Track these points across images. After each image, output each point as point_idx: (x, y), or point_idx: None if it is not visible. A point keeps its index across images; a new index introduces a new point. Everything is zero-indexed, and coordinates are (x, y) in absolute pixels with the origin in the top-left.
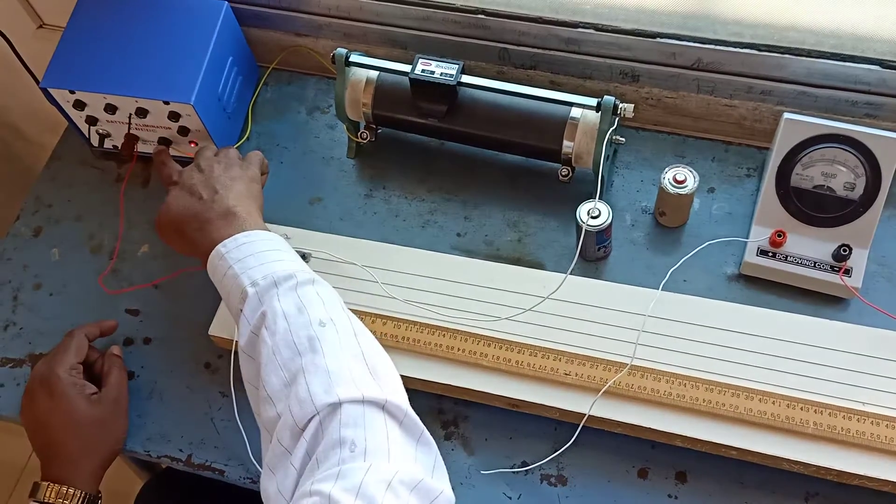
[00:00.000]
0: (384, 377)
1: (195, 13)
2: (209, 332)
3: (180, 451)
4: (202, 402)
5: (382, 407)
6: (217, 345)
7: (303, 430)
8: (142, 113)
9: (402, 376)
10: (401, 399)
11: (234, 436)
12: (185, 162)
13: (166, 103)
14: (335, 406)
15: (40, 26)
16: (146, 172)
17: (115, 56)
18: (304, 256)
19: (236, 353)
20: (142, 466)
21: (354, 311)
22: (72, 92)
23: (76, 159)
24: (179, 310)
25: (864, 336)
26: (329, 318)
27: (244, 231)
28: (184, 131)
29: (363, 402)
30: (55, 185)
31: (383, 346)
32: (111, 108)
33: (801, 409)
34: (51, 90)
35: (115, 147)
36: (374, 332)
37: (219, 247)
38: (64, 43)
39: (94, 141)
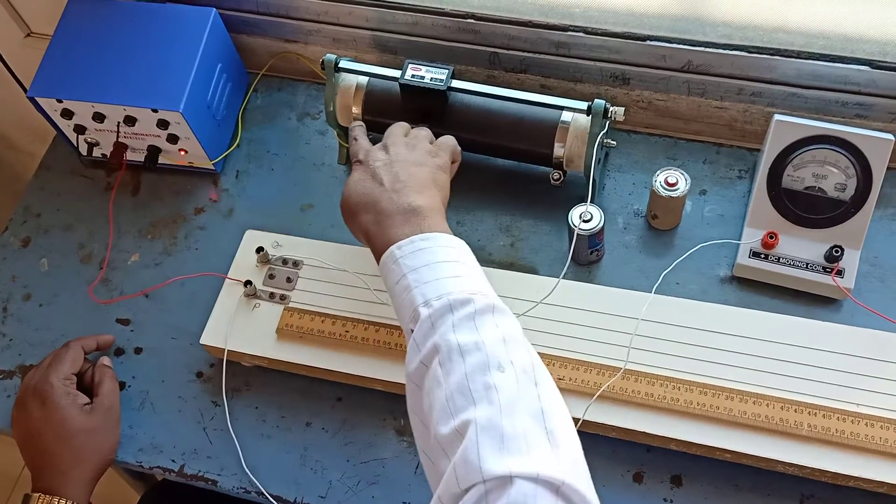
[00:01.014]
0: (563, 445)
1: (183, 20)
2: (201, 342)
3: (173, 461)
4: (194, 411)
5: (557, 490)
6: (209, 354)
7: (464, 492)
8: (130, 121)
9: (395, 383)
10: (579, 478)
11: (227, 445)
12: (176, 170)
13: (155, 111)
14: (505, 480)
15: (28, 35)
16: (135, 181)
17: (103, 64)
18: (296, 264)
19: (229, 361)
20: (135, 477)
21: (347, 319)
22: (59, 101)
23: (65, 168)
24: (170, 319)
25: (857, 337)
26: (509, 359)
27: (423, 233)
28: (173, 139)
29: (537, 480)
30: (44, 194)
31: (376, 353)
32: (99, 117)
33: (796, 411)
34: (38, 99)
35: (103, 156)
36: (366, 340)
37: (393, 248)
38: (51, 51)
39: (83, 150)
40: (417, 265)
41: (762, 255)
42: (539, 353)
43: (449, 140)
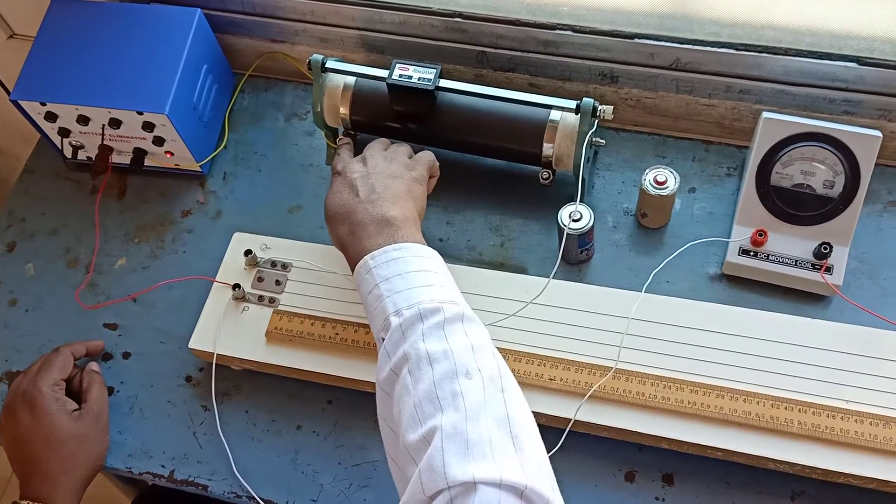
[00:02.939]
0: (528, 451)
1: (168, 21)
2: (189, 346)
3: (162, 466)
4: (184, 416)
5: (521, 494)
6: (198, 358)
7: (430, 499)
8: (115, 124)
9: None
10: (543, 482)
11: (216, 450)
12: (162, 172)
13: (140, 114)
14: (468, 486)
15: (11, 36)
16: (121, 184)
17: (87, 66)
18: (284, 266)
19: (218, 365)
20: (125, 483)
21: (337, 321)
22: (43, 104)
23: (50, 172)
24: (159, 323)
25: (847, 334)
26: (477, 366)
27: (396, 243)
28: (159, 141)
29: (500, 485)
30: (29, 198)
31: (366, 355)
32: (83, 120)
33: (786, 408)
34: (21, 102)
35: (89, 159)
36: (356, 342)
37: (367, 258)
38: (34, 54)
39: (68, 153)
40: (390, 275)
41: (751, 253)
42: (529, 353)
43: (427, 155)
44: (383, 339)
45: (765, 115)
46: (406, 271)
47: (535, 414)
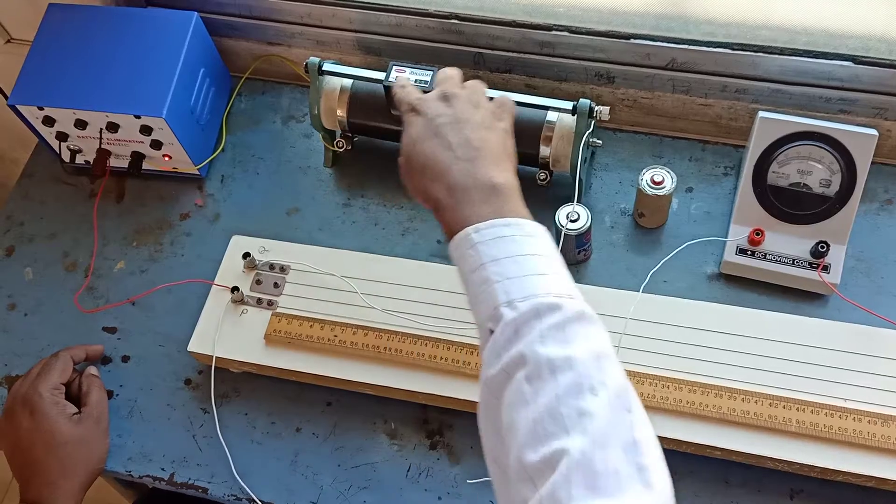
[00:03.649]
0: (657, 486)
1: (165, 24)
2: (188, 349)
3: (162, 469)
4: (183, 419)
5: None
6: (197, 361)
7: None
8: (113, 127)
9: (386, 387)
10: None
11: (216, 452)
12: (160, 175)
13: (137, 117)
14: None
15: (8, 41)
16: (120, 187)
17: (84, 70)
18: (283, 269)
19: (217, 368)
20: (125, 486)
21: (336, 324)
22: (40, 108)
23: (48, 176)
24: (157, 326)
25: (844, 332)
26: (602, 380)
27: (504, 217)
28: (157, 145)
29: None
30: (27, 202)
31: (365, 357)
32: (81, 124)
33: (784, 407)
34: (19, 107)
35: (87, 162)
36: (355, 344)
37: (470, 231)
38: (31, 58)
39: (66, 157)
40: (499, 255)
41: (749, 252)
42: None
43: (508, 100)
44: (491, 331)
45: (761, 114)
46: (518, 253)
47: None
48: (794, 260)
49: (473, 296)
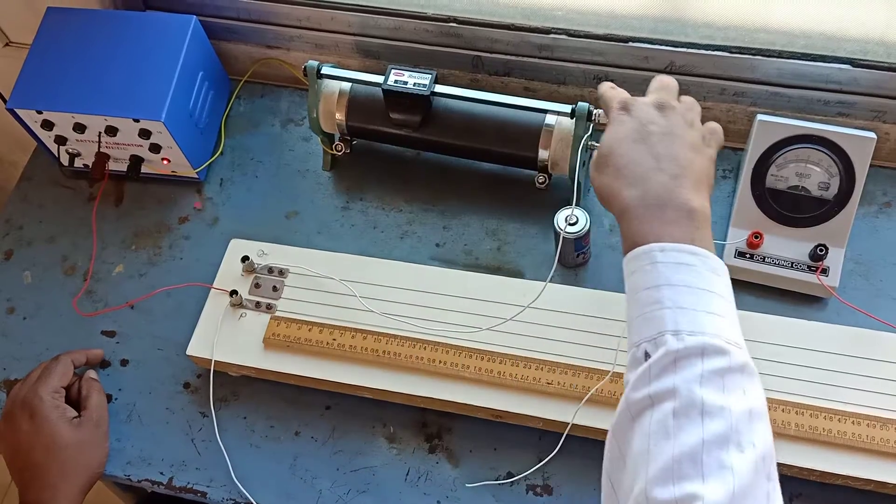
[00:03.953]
0: None
1: (163, 28)
2: (187, 353)
3: (161, 473)
4: (182, 423)
5: None
6: (196, 364)
7: None
8: (111, 131)
9: (385, 391)
10: None
11: (215, 456)
12: (159, 179)
13: (136, 121)
14: None
15: (7, 44)
16: (118, 191)
17: (83, 74)
18: (281, 272)
19: (216, 372)
20: (123, 490)
21: (335, 327)
22: (39, 112)
23: (47, 179)
24: (156, 330)
25: (843, 335)
26: (751, 440)
27: (693, 244)
28: (155, 148)
29: None
30: (26, 206)
31: (364, 361)
32: (80, 128)
33: (783, 410)
34: (18, 111)
35: (85, 166)
36: (353, 347)
37: (654, 248)
38: (30, 62)
39: (64, 160)
40: (677, 282)
41: (747, 255)
42: (527, 358)
43: (720, 130)
44: (647, 353)
45: (759, 117)
46: (697, 286)
47: (533, 418)
48: (792, 263)
49: (638, 313)
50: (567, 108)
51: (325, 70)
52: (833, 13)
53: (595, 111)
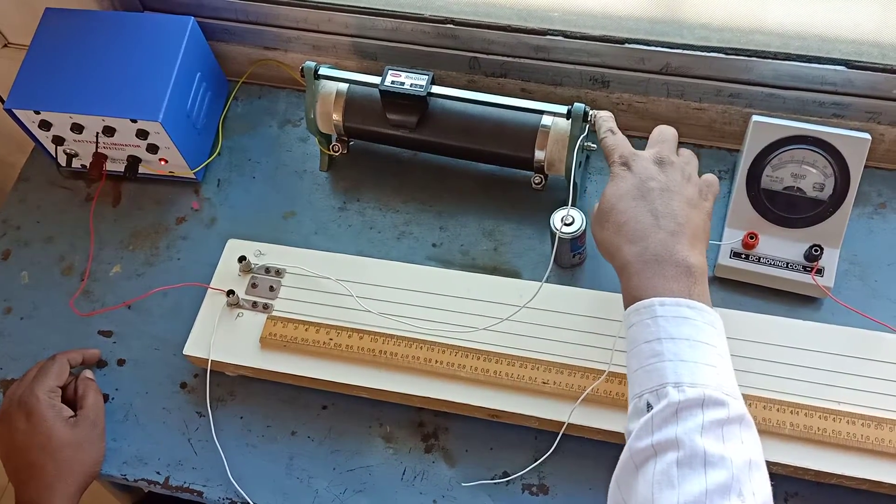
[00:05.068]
0: None
1: (161, 29)
2: (184, 352)
3: (157, 473)
4: (179, 422)
5: None
6: (193, 364)
7: None
8: (109, 132)
9: (381, 391)
10: None
11: (212, 456)
12: (157, 179)
13: (133, 121)
14: None
15: (5, 45)
16: (116, 191)
17: (81, 74)
18: (278, 272)
19: (212, 371)
20: (120, 490)
21: (331, 327)
22: (37, 112)
23: (44, 180)
24: (153, 330)
25: (838, 335)
26: (751, 489)
27: (691, 299)
28: (153, 149)
29: None
30: (23, 206)
31: (361, 361)
32: (77, 128)
33: (778, 410)
34: (15, 111)
35: (83, 166)
36: (350, 347)
37: (655, 302)
38: (27, 63)
39: (62, 161)
40: (678, 335)
41: (743, 256)
42: (523, 357)
43: (716, 182)
44: (649, 404)
45: (755, 118)
46: (696, 339)
47: (529, 417)
48: (787, 263)
49: (639, 366)
50: (563, 109)
51: (323, 71)
52: (828, 15)
53: (591, 112)
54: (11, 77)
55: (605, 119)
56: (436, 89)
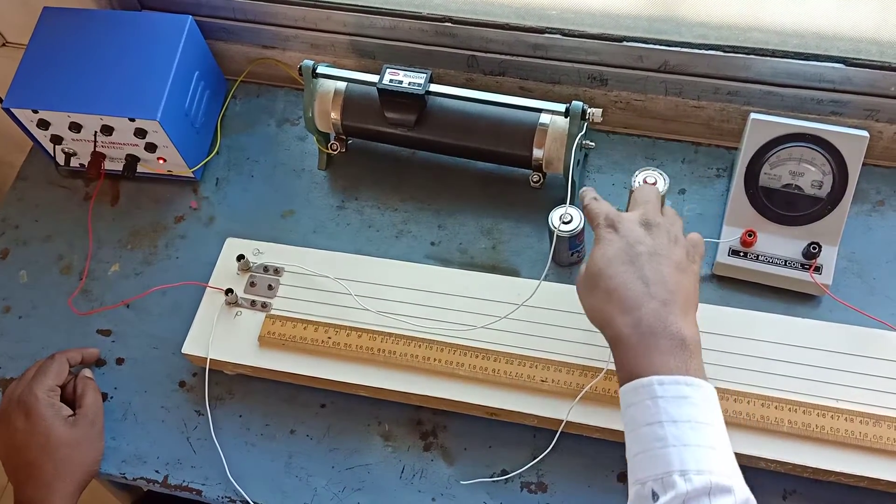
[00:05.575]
0: None
1: (159, 28)
2: (183, 351)
3: (156, 472)
4: (178, 421)
5: None
6: (191, 363)
7: None
8: (107, 130)
9: (380, 389)
10: None
11: (210, 454)
12: (155, 178)
13: (132, 120)
14: None
15: (3, 44)
16: (114, 190)
17: (79, 74)
18: (277, 271)
19: (211, 370)
20: (119, 488)
21: (330, 325)
22: (35, 111)
23: (43, 179)
24: (152, 329)
25: (836, 333)
26: None
27: (688, 375)
28: (151, 148)
29: None
30: (22, 205)
31: (359, 359)
32: (76, 127)
33: (776, 407)
34: (13, 110)
35: (81, 165)
36: (349, 346)
37: (654, 382)
38: (26, 61)
39: (60, 160)
40: (679, 418)
41: (741, 253)
42: (521, 356)
43: (701, 241)
44: (654, 492)
45: (753, 116)
46: (698, 421)
47: (527, 415)
48: (786, 261)
49: (641, 449)
50: (561, 108)
51: (321, 69)
52: (826, 12)
53: (590, 110)
54: (9, 76)
55: (587, 190)
56: (434, 88)
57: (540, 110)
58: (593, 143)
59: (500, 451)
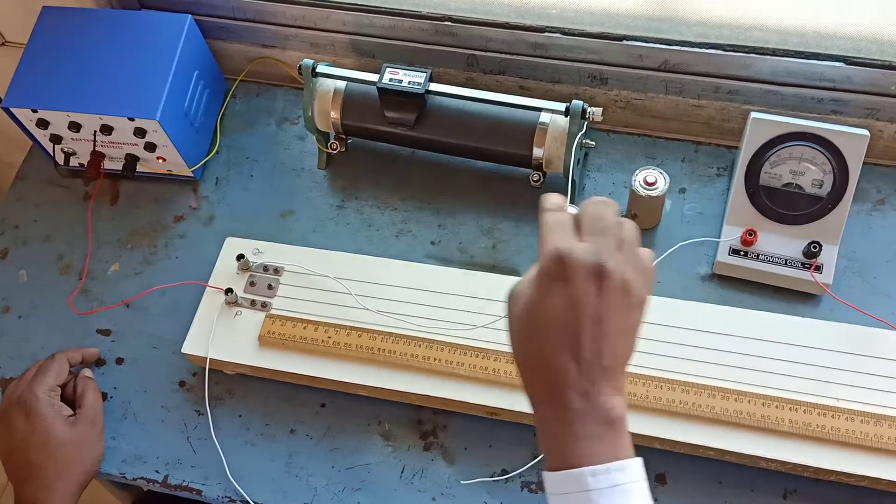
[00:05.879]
0: None
1: (159, 27)
2: (182, 351)
3: (156, 472)
4: (178, 421)
5: None
6: (191, 363)
7: None
8: (107, 130)
9: (380, 389)
10: None
11: (210, 454)
12: (155, 177)
13: (131, 119)
14: None
15: (2, 44)
16: (114, 190)
17: (78, 73)
18: (276, 270)
19: (211, 370)
20: (119, 488)
21: (330, 325)
22: (34, 111)
23: (42, 178)
24: (152, 328)
25: (837, 332)
26: None
27: (619, 459)
28: (151, 147)
29: None
30: (21, 205)
31: (359, 359)
32: (75, 126)
33: (777, 407)
34: (13, 109)
35: (81, 165)
36: (348, 345)
37: (587, 474)
38: (25, 61)
39: (60, 159)
40: None
41: (742, 253)
42: None
43: (653, 269)
44: None
45: (753, 115)
46: None
47: (528, 415)
48: (786, 260)
49: None
50: (561, 107)
51: (321, 69)
52: (826, 11)
53: (590, 109)
54: (9, 75)
55: (551, 197)
56: (434, 87)
57: (540, 109)
58: (593, 143)
59: (501, 450)
